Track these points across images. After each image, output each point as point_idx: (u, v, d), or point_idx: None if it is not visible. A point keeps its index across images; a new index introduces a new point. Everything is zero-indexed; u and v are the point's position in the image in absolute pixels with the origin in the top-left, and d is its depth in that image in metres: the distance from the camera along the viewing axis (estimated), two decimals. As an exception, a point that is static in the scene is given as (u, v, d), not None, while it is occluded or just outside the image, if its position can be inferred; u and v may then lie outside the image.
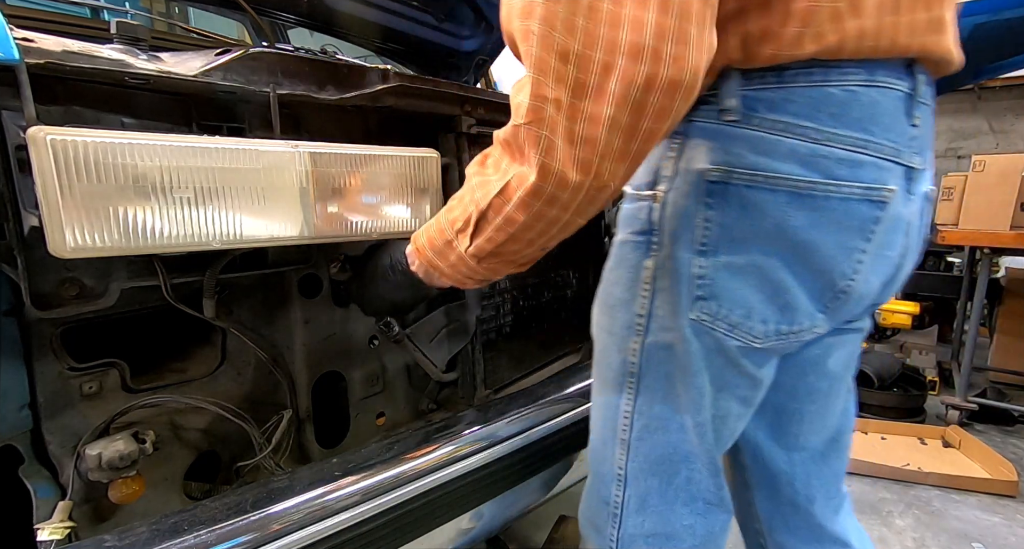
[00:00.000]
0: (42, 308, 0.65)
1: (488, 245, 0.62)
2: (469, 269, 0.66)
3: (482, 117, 1.05)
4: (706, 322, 0.62)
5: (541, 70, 0.50)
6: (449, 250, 0.66)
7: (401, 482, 0.75)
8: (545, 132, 0.51)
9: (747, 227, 0.59)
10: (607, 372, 0.73)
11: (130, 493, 0.70)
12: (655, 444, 0.70)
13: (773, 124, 0.56)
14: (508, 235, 0.60)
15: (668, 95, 0.50)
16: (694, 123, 0.60)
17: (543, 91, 0.50)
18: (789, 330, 0.62)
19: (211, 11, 2.00)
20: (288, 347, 0.91)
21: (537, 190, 0.55)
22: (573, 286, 1.43)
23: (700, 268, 0.61)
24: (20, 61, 0.55)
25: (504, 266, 0.67)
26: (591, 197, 0.57)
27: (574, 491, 1.63)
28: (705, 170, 0.59)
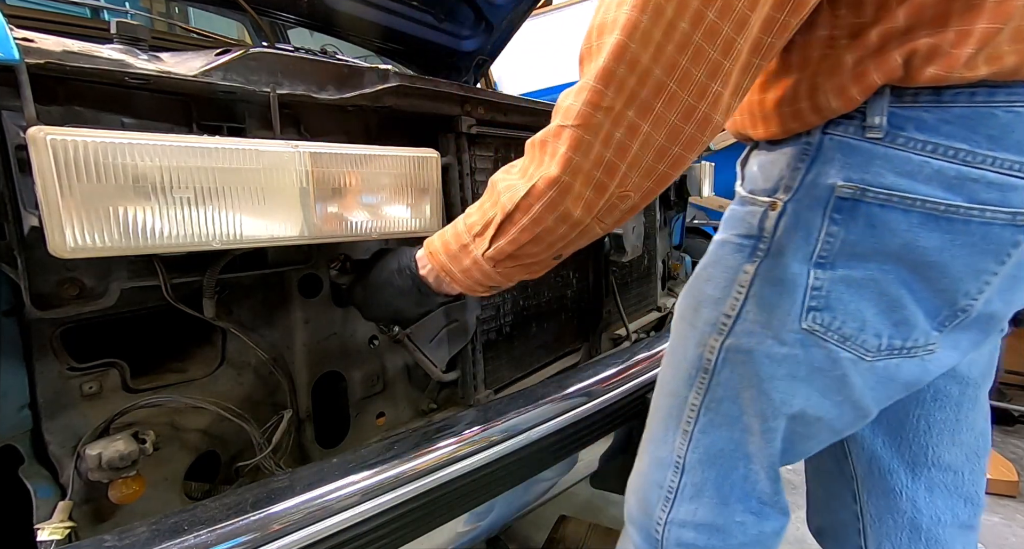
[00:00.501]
0: (42, 308, 0.65)
1: (509, 247, 0.63)
2: (483, 274, 0.67)
3: (482, 117, 1.05)
4: (818, 332, 0.61)
5: (605, 80, 0.52)
6: (464, 254, 0.67)
7: (401, 482, 0.75)
8: (588, 136, 0.54)
9: (871, 244, 0.58)
10: (681, 362, 0.74)
11: (130, 493, 0.70)
12: (717, 438, 0.71)
13: (921, 144, 0.55)
14: (532, 235, 0.62)
15: (700, 128, 0.54)
16: (831, 137, 0.59)
17: (600, 100, 0.53)
18: (902, 345, 0.61)
19: (211, 11, 2.00)
20: (288, 347, 0.91)
21: (566, 187, 0.57)
22: (573, 286, 1.43)
23: (817, 279, 0.61)
24: (20, 61, 0.55)
25: (518, 271, 0.68)
26: (612, 205, 0.60)
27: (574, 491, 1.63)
28: (837, 186, 0.58)
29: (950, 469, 0.75)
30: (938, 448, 0.75)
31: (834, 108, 0.57)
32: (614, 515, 1.99)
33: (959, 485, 0.75)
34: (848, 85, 0.55)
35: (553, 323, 1.36)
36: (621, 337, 1.61)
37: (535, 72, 5.80)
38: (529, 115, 1.21)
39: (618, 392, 1.09)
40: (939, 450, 0.75)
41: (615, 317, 1.58)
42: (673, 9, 0.49)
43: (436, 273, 0.72)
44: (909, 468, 0.76)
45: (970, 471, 0.75)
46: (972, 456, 0.76)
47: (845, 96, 0.56)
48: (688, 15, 0.50)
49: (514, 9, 2.14)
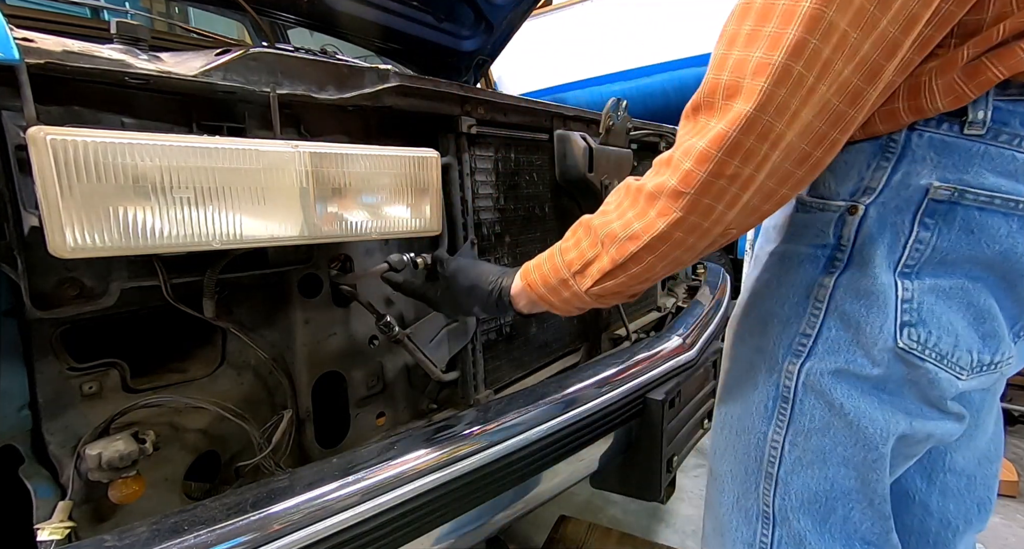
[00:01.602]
0: (42, 308, 0.65)
1: (616, 287, 0.64)
2: (582, 302, 0.69)
3: (482, 117, 1.06)
4: (915, 351, 0.56)
5: (732, 151, 0.50)
6: (564, 288, 0.68)
7: (401, 482, 0.75)
8: (707, 199, 0.53)
9: (965, 251, 0.54)
10: (751, 394, 0.67)
11: (130, 493, 0.70)
12: (810, 479, 0.63)
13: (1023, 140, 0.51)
14: (641, 280, 0.62)
15: (811, 170, 0.53)
16: (921, 133, 0.55)
17: (725, 170, 0.51)
18: (991, 361, 0.57)
19: (211, 11, 2.00)
20: (288, 347, 0.91)
21: (679, 242, 0.57)
22: (573, 286, 1.43)
23: (906, 291, 0.56)
24: (20, 61, 0.55)
25: (616, 299, 0.68)
26: (714, 243, 0.59)
27: (574, 491, 1.63)
28: (931, 186, 0.54)
29: (964, 474, 0.73)
30: (955, 453, 0.72)
31: (940, 107, 0.53)
32: (614, 515, 1.99)
33: (972, 489, 0.73)
34: (960, 82, 0.51)
35: (553, 323, 1.36)
36: (621, 337, 1.61)
37: (535, 72, 5.80)
38: (529, 115, 1.21)
39: (618, 392, 1.09)
40: (956, 456, 0.72)
41: (615, 317, 1.58)
42: (815, 76, 0.47)
43: (532, 299, 0.74)
44: (926, 473, 0.73)
45: (983, 475, 0.74)
46: (985, 461, 0.74)
47: (955, 94, 0.52)
48: (829, 78, 0.47)
49: (514, 9, 2.14)
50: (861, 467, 0.61)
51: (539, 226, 1.29)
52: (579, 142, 1.28)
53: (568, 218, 1.38)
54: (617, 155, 1.40)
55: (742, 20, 0.49)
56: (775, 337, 0.65)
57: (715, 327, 1.53)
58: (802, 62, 0.46)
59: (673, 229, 0.55)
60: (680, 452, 1.24)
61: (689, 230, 0.55)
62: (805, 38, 0.45)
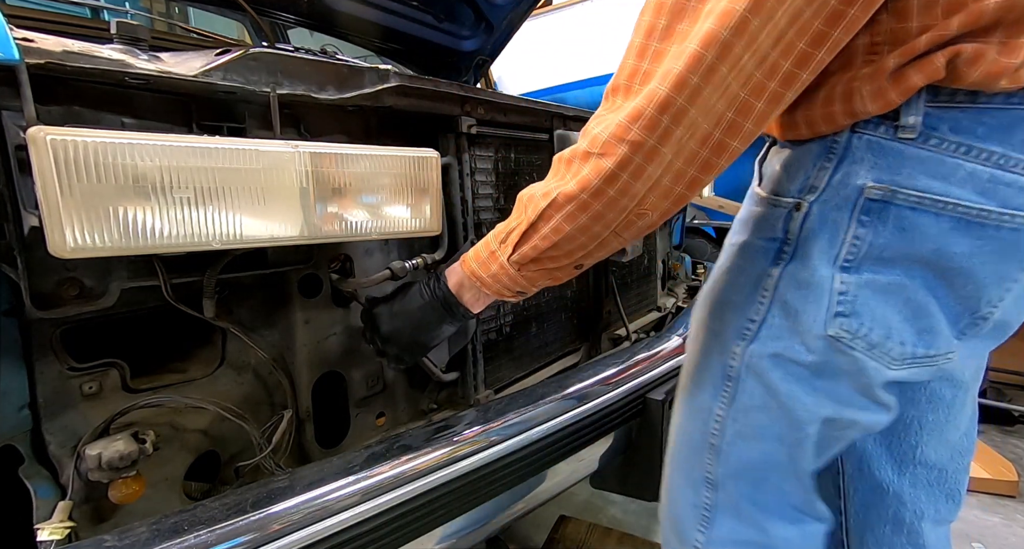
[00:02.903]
0: (42, 308, 0.65)
1: (532, 252, 0.66)
2: (509, 278, 0.70)
3: (482, 117, 1.06)
4: (844, 340, 0.60)
5: (634, 118, 0.54)
6: (492, 260, 0.70)
7: (401, 482, 0.75)
8: (611, 165, 0.57)
9: (900, 248, 0.57)
10: (703, 373, 0.72)
11: (130, 493, 0.70)
12: (747, 450, 0.69)
13: (955, 146, 0.54)
14: (552, 243, 0.64)
15: (717, 152, 0.56)
16: (861, 136, 0.58)
17: (625, 134, 0.55)
18: (925, 354, 0.60)
19: (211, 11, 2.00)
20: (288, 347, 0.91)
21: (584, 204, 0.60)
22: (573, 286, 1.43)
23: (843, 284, 0.59)
24: (20, 61, 0.55)
25: (541, 276, 0.70)
26: (629, 221, 0.62)
27: (574, 491, 1.62)
28: (866, 186, 0.57)
29: (936, 467, 0.76)
30: (927, 447, 0.75)
31: (869, 111, 0.56)
32: (614, 515, 1.98)
33: (943, 482, 0.76)
34: (887, 88, 0.55)
35: (553, 323, 1.36)
36: (621, 337, 1.61)
37: (535, 72, 5.79)
38: (529, 115, 1.21)
39: (618, 392, 1.09)
40: (927, 449, 0.75)
41: (615, 317, 1.58)
42: (728, 67, 0.51)
43: (467, 280, 0.74)
44: (897, 465, 0.76)
45: (954, 469, 0.76)
46: (957, 455, 0.76)
47: (883, 99, 0.55)
48: (737, 71, 0.51)
49: (514, 9, 2.14)
50: (790, 444, 0.66)
51: (539, 226, 1.28)
52: (579, 142, 1.28)
53: (568, 218, 1.38)
54: (617, 155, 1.39)
55: (658, 14, 0.55)
56: (729, 322, 0.69)
57: (715, 327, 1.53)
58: (713, 53, 0.51)
59: (579, 189, 0.59)
60: (680, 452, 1.24)
61: (595, 194, 0.59)
62: (718, 32, 0.50)
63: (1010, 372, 2.94)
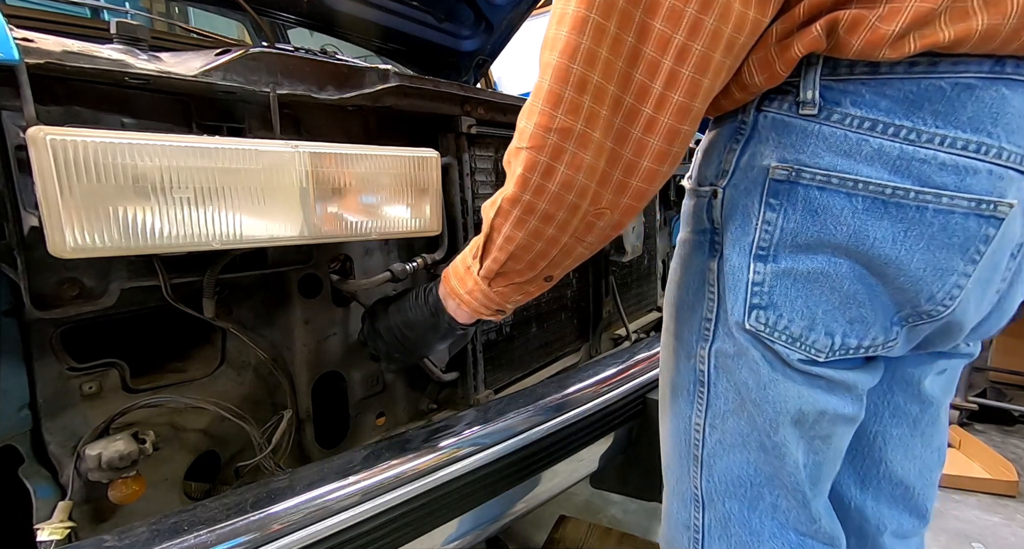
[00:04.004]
0: (42, 308, 0.65)
1: (494, 265, 0.63)
2: (484, 295, 0.67)
3: (482, 117, 1.05)
4: (762, 333, 0.56)
5: (552, 103, 0.51)
6: (468, 276, 0.67)
7: (401, 482, 0.75)
8: (543, 157, 0.53)
9: (814, 233, 0.53)
10: (676, 379, 0.69)
11: (130, 493, 0.70)
12: (732, 462, 0.63)
13: (859, 121, 0.49)
14: (508, 253, 0.61)
15: (667, 140, 0.52)
16: (765, 114, 0.55)
17: (550, 122, 0.52)
18: (859, 345, 0.55)
19: (211, 11, 2.00)
20: (288, 347, 0.91)
21: (529, 206, 0.56)
22: (573, 286, 1.43)
23: (757, 274, 0.56)
24: (20, 61, 0.55)
25: (512, 291, 0.67)
26: (589, 223, 0.58)
27: (574, 491, 1.62)
28: (771, 167, 0.53)
29: (902, 483, 0.71)
30: (891, 463, 0.71)
31: (758, 83, 0.53)
32: (614, 515, 1.98)
33: (908, 498, 0.72)
34: (773, 59, 0.51)
35: (553, 323, 1.36)
36: (621, 337, 1.61)
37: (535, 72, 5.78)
38: (529, 115, 1.20)
39: (618, 392, 1.09)
40: (892, 465, 0.71)
41: (615, 317, 1.58)
42: (616, 25, 0.48)
43: (448, 297, 0.72)
44: (859, 480, 0.72)
45: (922, 486, 0.72)
46: (926, 471, 0.72)
47: (769, 71, 0.52)
48: (633, 29, 0.48)
49: (514, 9, 2.14)
50: (772, 452, 0.60)
51: (539, 226, 1.29)
52: (579, 142, 1.28)
53: (568, 218, 1.38)
54: (617, 155, 1.39)
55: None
56: (687, 323, 0.66)
57: (715, 327, 1.53)
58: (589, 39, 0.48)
59: (519, 190, 0.55)
60: (680, 452, 1.24)
61: (536, 192, 0.55)
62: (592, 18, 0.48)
63: (1010, 372, 2.94)
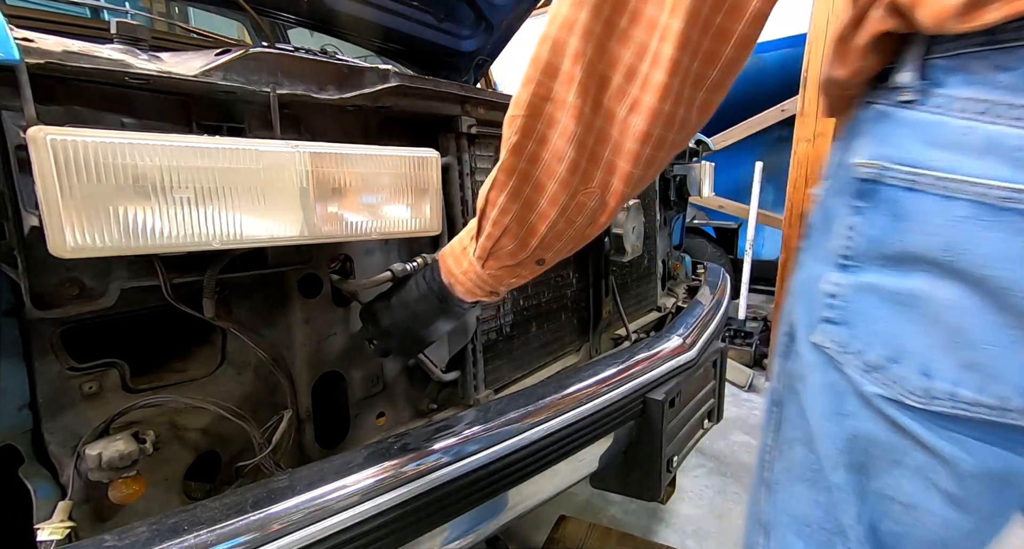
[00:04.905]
0: (42, 308, 0.65)
1: (488, 242, 0.61)
2: (477, 276, 0.66)
3: (482, 117, 1.06)
4: (830, 351, 0.49)
5: (548, 74, 0.50)
6: (463, 256, 0.67)
7: (401, 482, 0.75)
8: (540, 125, 0.52)
9: (899, 243, 0.44)
10: (769, 388, 0.62)
11: (130, 493, 0.70)
12: (798, 496, 0.55)
13: (965, 103, 0.40)
14: (502, 228, 0.58)
15: (617, 102, 0.49)
16: (869, 106, 0.48)
17: (545, 92, 0.51)
18: (976, 400, 0.42)
19: (211, 11, 2.00)
20: (288, 347, 0.91)
21: (524, 174, 0.54)
22: (573, 286, 1.43)
23: (833, 285, 0.49)
24: (20, 61, 0.55)
25: (505, 274, 0.65)
26: (580, 202, 0.55)
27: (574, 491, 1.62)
28: (858, 164, 0.47)
29: None
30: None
31: (837, 74, 0.49)
32: (614, 515, 1.99)
33: None
34: (848, 50, 0.47)
35: (553, 323, 1.36)
36: (621, 337, 1.61)
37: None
38: (529, 115, 1.20)
39: (618, 392, 1.09)
40: None
41: (615, 317, 1.58)
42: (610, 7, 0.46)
43: (447, 278, 0.70)
44: None
45: None
46: None
47: (850, 63, 0.48)
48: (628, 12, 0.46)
49: (514, 9, 2.14)
50: (842, 498, 0.51)
51: (539, 226, 1.29)
52: (579, 142, 1.28)
53: (568, 218, 1.38)
54: (617, 155, 1.39)
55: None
56: (778, 335, 0.60)
57: (715, 327, 1.53)
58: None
59: (515, 157, 0.53)
60: (680, 452, 1.24)
61: (531, 160, 0.53)
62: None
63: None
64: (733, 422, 2.76)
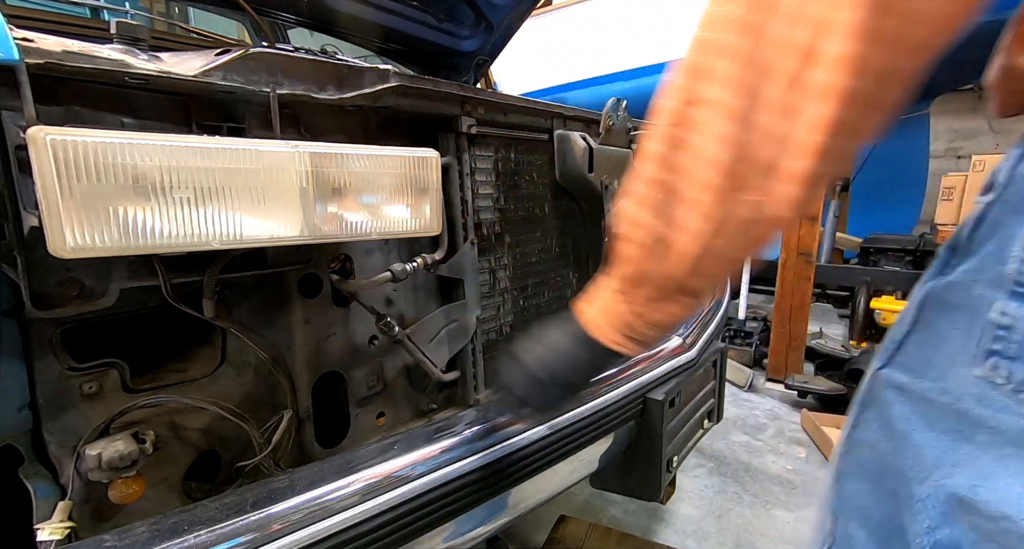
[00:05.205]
0: (42, 308, 0.65)
1: (627, 267, 0.54)
2: (616, 316, 0.58)
3: (482, 117, 1.06)
4: (1002, 387, 0.43)
5: (696, 76, 0.45)
6: (600, 293, 0.60)
7: (401, 482, 0.75)
8: (681, 130, 0.47)
9: None
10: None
11: (130, 493, 0.70)
12: (862, 490, 0.54)
13: None
14: (643, 249, 0.51)
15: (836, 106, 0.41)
16: None
17: (686, 95, 0.46)
18: None
19: (211, 11, 2.00)
20: (288, 347, 0.91)
21: (668, 164, 0.48)
22: (573, 286, 1.43)
23: (1006, 316, 0.43)
24: (20, 61, 0.55)
25: (651, 309, 0.56)
26: (741, 215, 0.47)
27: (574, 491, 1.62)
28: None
29: None
30: None
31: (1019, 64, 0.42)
32: (614, 515, 1.99)
33: None
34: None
35: (553, 323, 1.36)
36: (621, 337, 1.60)
37: (535, 72, 5.79)
38: (529, 115, 1.21)
39: (618, 392, 1.09)
40: None
41: (615, 317, 1.57)
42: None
43: (586, 323, 0.62)
44: None
45: None
46: None
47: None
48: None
49: (514, 9, 2.14)
50: (903, 503, 0.49)
51: (539, 226, 1.29)
52: (579, 142, 1.28)
53: (568, 218, 1.38)
54: (617, 155, 1.40)
55: None
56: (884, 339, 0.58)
57: (715, 327, 1.53)
58: None
59: (655, 165, 0.48)
60: (680, 452, 1.24)
61: (673, 169, 0.47)
62: None
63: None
64: (733, 422, 2.76)
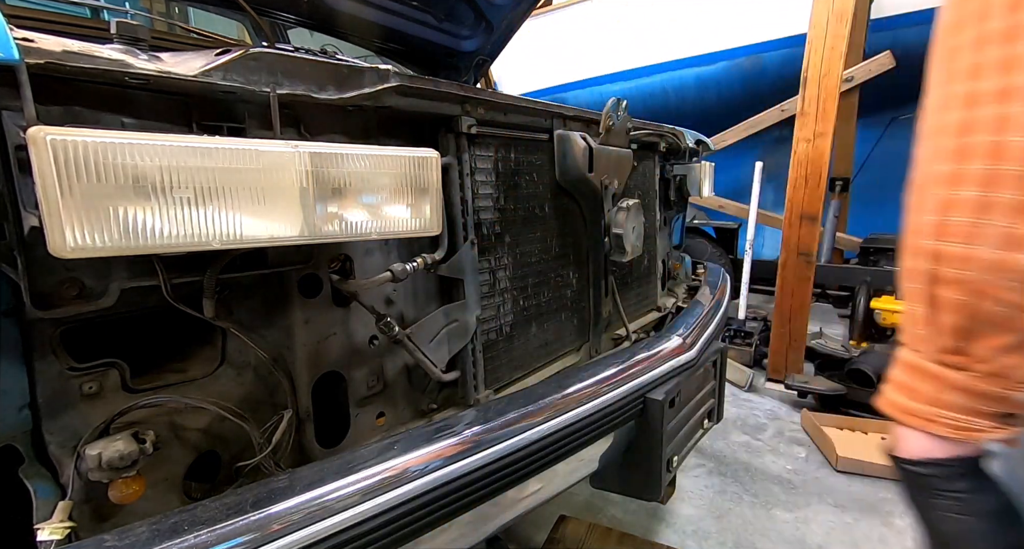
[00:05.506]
0: (42, 308, 0.65)
1: (954, 317, 0.44)
2: (961, 393, 0.47)
3: (482, 117, 1.06)
4: None
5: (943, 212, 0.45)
6: (915, 377, 0.50)
7: (401, 482, 0.75)
8: None
9: None
10: None
11: (130, 493, 0.70)
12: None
13: None
14: (967, 288, 0.44)
15: None
16: None
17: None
18: None
19: (211, 11, 2.00)
20: (288, 347, 0.91)
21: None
22: (573, 286, 1.43)
23: None
24: (20, 61, 0.55)
25: (1013, 364, 0.45)
26: None
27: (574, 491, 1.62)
28: None
29: None
30: None
31: None
32: (614, 515, 1.99)
33: None
34: None
35: (553, 323, 1.36)
36: (621, 337, 1.61)
37: (535, 72, 5.80)
38: (529, 115, 1.21)
39: (618, 392, 1.09)
40: None
41: (615, 317, 1.58)
42: None
43: (900, 431, 0.52)
44: None
45: None
46: None
47: None
48: None
49: (514, 9, 2.14)
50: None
51: (539, 226, 1.29)
52: (579, 142, 1.28)
53: (568, 218, 1.38)
54: (617, 155, 1.40)
55: None
56: None
57: (715, 327, 1.53)
58: None
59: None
60: (680, 452, 1.24)
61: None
62: None
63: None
64: (733, 422, 2.76)
